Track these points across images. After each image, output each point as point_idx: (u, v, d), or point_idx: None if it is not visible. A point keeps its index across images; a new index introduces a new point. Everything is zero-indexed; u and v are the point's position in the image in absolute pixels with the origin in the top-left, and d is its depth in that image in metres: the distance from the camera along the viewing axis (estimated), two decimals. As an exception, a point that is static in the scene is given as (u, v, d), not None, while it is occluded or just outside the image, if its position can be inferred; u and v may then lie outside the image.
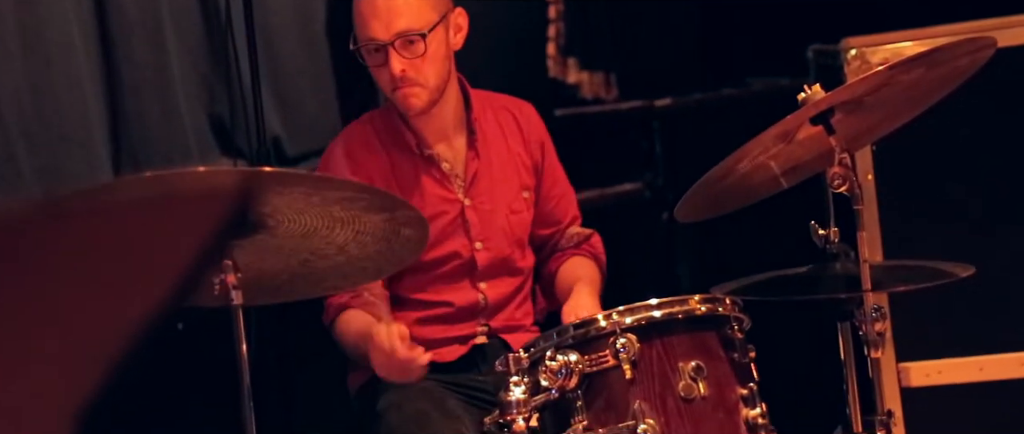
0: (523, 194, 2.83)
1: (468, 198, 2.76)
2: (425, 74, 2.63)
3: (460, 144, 2.78)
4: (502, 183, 2.80)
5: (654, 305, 2.35)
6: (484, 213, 2.77)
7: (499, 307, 2.80)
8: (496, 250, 2.78)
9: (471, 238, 2.75)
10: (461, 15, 2.72)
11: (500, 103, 2.87)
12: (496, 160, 2.80)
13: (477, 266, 2.76)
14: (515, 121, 2.86)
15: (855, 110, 2.35)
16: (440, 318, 2.75)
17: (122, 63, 3.14)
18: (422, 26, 2.61)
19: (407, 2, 2.61)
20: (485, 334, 2.78)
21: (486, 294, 2.77)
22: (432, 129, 2.74)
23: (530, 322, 2.87)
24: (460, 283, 2.76)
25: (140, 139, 3.18)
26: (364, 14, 2.62)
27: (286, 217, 2.21)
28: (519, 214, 2.81)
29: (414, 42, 2.61)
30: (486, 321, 2.79)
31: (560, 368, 2.29)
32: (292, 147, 3.51)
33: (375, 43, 2.62)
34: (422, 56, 2.61)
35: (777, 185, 2.48)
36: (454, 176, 2.76)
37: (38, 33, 2.96)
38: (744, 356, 2.37)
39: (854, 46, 3.06)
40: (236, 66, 3.15)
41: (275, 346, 3.11)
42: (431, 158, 2.74)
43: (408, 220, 2.29)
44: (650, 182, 4.00)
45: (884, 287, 2.37)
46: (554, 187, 2.89)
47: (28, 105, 2.95)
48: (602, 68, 4.26)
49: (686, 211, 2.44)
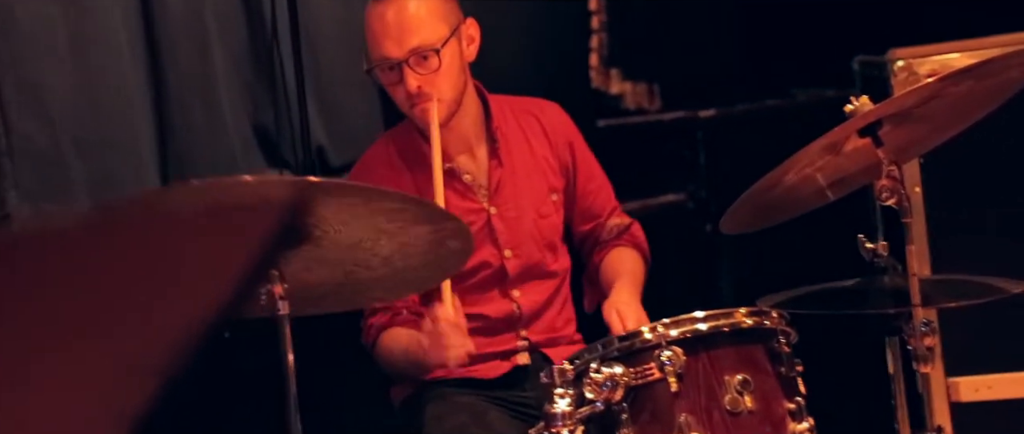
0: (551, 197, 2.82)
1: (493, 207, 2.76)
2: (441, 88, 2.63)
3: (482, 153, 2.78)
4: (527, 188, 2.79)
5: (700, 318, 2.34)
6: (511, 220, 2.76)
7: (536, 315, 2.79)
8: (526, 256, 2.77)
9: (500, 246, 2.75)
10: (472, 25, 2.71)
11: (523, 107, 2.86)
12: (520, 166, 2.79)
13: (508, 274, 2.76)
14: (538, 123, 2.85)
15: (903, 122, 2.32)
16: (477, 331, 2.74)
17: (168, 71, 3.17)
18: (435, 41, 2.61)
19: (418, 18, 2.60)
20: (527, 350, 2.77)
21: (519, 302, 2.77)
22: (452, 142, 2.74)
23: (573, 330, 2.86)
24: (491, 292, 2.75)
25: (186, 147, 3.20)
26: (376, 33, 2.63)
27: (332, 228, 2.21)
28: (548, 218, 2.81)
29: (428, 58, 2.61)
30: (525, 333, 2.78)
31: (605, 380, 2.28)
32: (336, 157, 3.51)
33: (389, 62, 2.62)
34: (437, 71, 2.61)
35: (823, 197, 2.46)
36: (477, 186, 2.76)
37: (87, 41, 2.99)
38: (791, 370, 2.35)
39: (901, 57, 3.03)
40: (281, 75, 3.16)
41: (320, 357, 3.12)
42: (452, 171, 2.74)
43: (453, 232, 2.29)
44: (693, 193, 3.98)
45: (934, 302, 2.35)
46: (590, 182, 2.88)
47: (78, 112, 2.98)
48: (645, 79, 4.25)
49: (731, 223, 2.42)
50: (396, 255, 2.31)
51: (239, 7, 3.29)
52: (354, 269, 2.32)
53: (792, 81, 4.17)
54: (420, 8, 2.61)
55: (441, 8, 2.64)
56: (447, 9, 2.66)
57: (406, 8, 2.60)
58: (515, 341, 2.77)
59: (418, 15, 2.60)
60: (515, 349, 2.77)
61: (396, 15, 2.60)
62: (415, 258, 2.32)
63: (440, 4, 2.64)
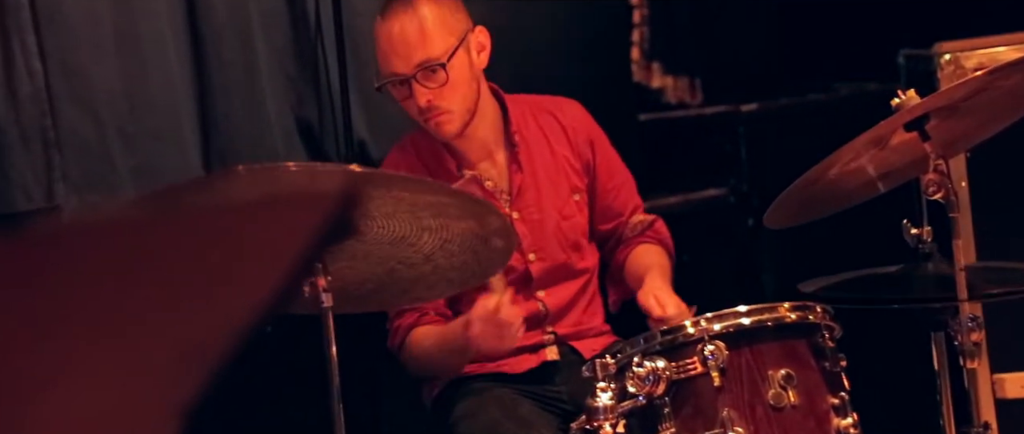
0: (574, 197, 2.81)
1: (515, 211, 2.75)
2: (451, 100, 2.62)
3: (502, 158, 2.77)
4: (549, 191, 2.78)
5: (743, 312, 2.33)
6: (533, 224, 2.76)
7: (561, 313, 2.78)
8: (550, 258, 2.76)
9: (523, 250, 2.74)
10: (482, 33, 2.70)
11: (542, 106, 2.85)
12: (541, 168, 2.78)
13: (532, 277, 2.76)
14: (558, 123, 2.83)
15: (950, 116, 2.30)
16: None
17: (212, 63, 3.18)
18: (441, 55, 2.59)
19: (423, 33, 2.59)
20: (553, 343, 2.77)
21: (545, 302, 2.76)
22: (472, 148, 2.74)
23: (600, 321, 2.85)
24: (517, 296, 2.74)
25: (228, 140, 3.21)
26: (384, 50, 2.63)
27: (376, 223, 2.22)
28: (571, 219, 2.80)
29: (435, 71, 2.60)
30: (552, 329, 2.77)
31: (647, 374, 2.27)
32: (377, 150, 3.52)
33: (397, 77, 2.62)
34: (445, 84, 2.60)
35: (869, 191, 2.44)
36: (499, 192, 2.75)
37: (132, 33, 3.01)
38: (835, 365, 2.34)
39: (948, 51, 3.00)
40: (325, 69, 3.17)
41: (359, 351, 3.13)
42: (474, 178, 2.74)
43: (496, 230, 2.28)
44: (735, 187, 3.96)
45: (979, 293, 2.32)
46: (611, 179, 2.86)
47: (123, 105, 3.00)
48: (686, 73, 4.24)
49: (775, 217, 2.41)
50: (438, 252, 2.31)
51: (283, 3, 3.31)
52: (397, 267, 2.33)
53: (834, 75, 4.14)
54: (424, 23, 2.60)
55: (447, 20, 2.62)
56: (454, 20, 2.64)
57: (411, 24, 2.59)
58: (541, 336, 2.77)
59: (423, 30, 2.59)
60: (542, 343, 2.77)
61: (401, 31, 2.59)
62: (457, 255, 2.32)
63: (446, 16, 2.63)
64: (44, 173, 2.92)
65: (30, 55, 2.88)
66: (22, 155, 2.90)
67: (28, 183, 2.90)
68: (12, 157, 2.88)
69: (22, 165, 2.89)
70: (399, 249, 2.29)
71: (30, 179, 2.90)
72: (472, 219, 2.28)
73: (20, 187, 2.88)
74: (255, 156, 3.23)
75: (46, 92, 2.89)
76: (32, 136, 2.90)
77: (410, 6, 2.61)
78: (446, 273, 2.36)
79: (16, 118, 2.88)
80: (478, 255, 2.33)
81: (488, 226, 2.28)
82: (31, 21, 2.88)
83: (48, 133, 2.90)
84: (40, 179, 2.91)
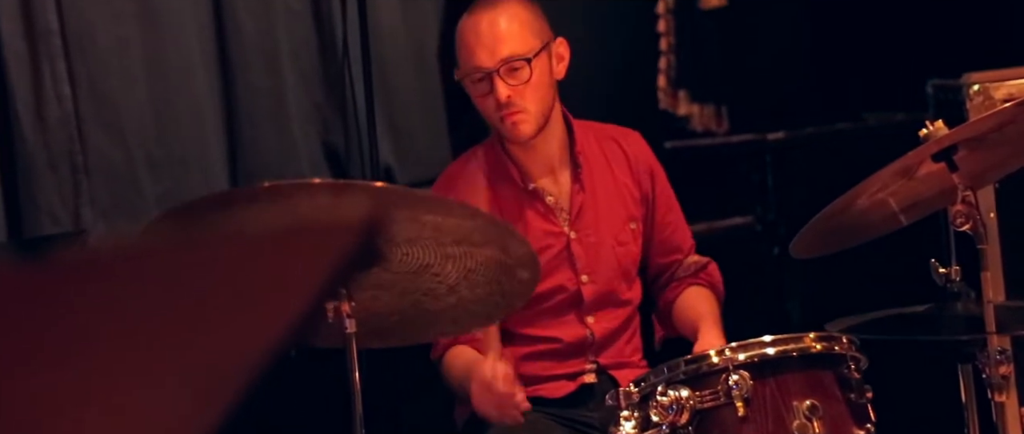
0: (630, 225, 2.81)
1: (573, 231, 2.76)
2: (530, 100, 2.65)
3: (565, 177, 2.78)
4: (608, 215, 2.78)
5: (768, 342, 2.32)
6: (590, 246, 2.76)
7: (607, 342, 2.78)
8: (603, 283, 2.76)
9: (577, 271, 2.74)
10: (562, 45, 2.73)
11: (606, 133, 2.86)
12: (602, 192, 2.79)
13: (583, 299, 2.75)
14: (622, 151, 2.84)
15: (979, 147, 2.29)
16: (548, 354, 2.74)
17: (240, 89, 3.20)
18: (526, 52, 2.63)
19: (510, 29, 2.64)
20: (594, 372, 2.76)
21: (593, 329, 2.76)
22: (537, 162, 2.75)
23: (639, 358, 2.84)
24: (566, 317, 2.74)
25: (255, 165, 3.23)
26: (469, 43, 2.65)
27: (399, 249, 2.21)
28: (625, 246, 2.79)
29: (519, 68, 2.63)
30: (594, 358, 2.77)
31: (671, 404, 2.26)
32: (403, 176, 3.53)
33: (481, 71, 2.64)
34: (527, 82, 2.63)
35: (895, 222, 2.42)
36: (559, 209, 2.76)
37: (161, 59, 3.04)
38: (861, 397, 2.32)
39: (976, 81, 2.99)
40: (352, 95, 3.19)
41: (383, 377, 3.13)
42: (535, 192, 2.74)
43: (520, 259, 2.28)
44: (761, 216, 3.95)
45: (1009, 329, 2.30)
46: (668, 213, 2.86)
47: (151, 130, 3.03)
48: (713, 101, 4.23)
49: (801, 247, 2.40)
50: (462, 283, 2.30)
51: (311, 28, 3.33)
52: (422, 299, 2.32)
53: (862, 104, 4.13)
54: (513, 21, 2.65)
55: (533, 23, 2.68)
56: (539, 25, 2.70)
57: (499, 20, 2.64)
58: (584, 364, 2.76)
59: (511, 27, 2.64)
60: (582, 371, 2.76)
61: (490, 26, 2.64)
62: (482, 287, 2.31)
63: (532, 19, 2.68)
64: (71, 197, 2.94)
65: (60, 80, 2.90)
66: (50, 179, 2.92)
67: (55, 207, 2.92)
68: (40, 181, 2.91)
69: (49, 189, 2.91)
70: (423, 279, 2.29)
71: (57, 203, 2.93)
72: (495, 245, 2.27)
73: (47, 211, 2.91)
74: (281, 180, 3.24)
75: (75, 117, 2.92)
76: (60, 160, 2.92)
77: (499, 4, 2.67)
78: (470, 306, 2.35)
79: (44, 142, 2.91)
80: (503, 287, 2.32)
81: (512, 254, 2.27)
82: (61, 47, 2.91)
83: (76, 158, 2.92)
84: (67, 203, 2.93)
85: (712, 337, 2.62)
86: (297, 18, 3.32)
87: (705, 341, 2.60)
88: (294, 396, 2.87)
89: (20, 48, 2.93)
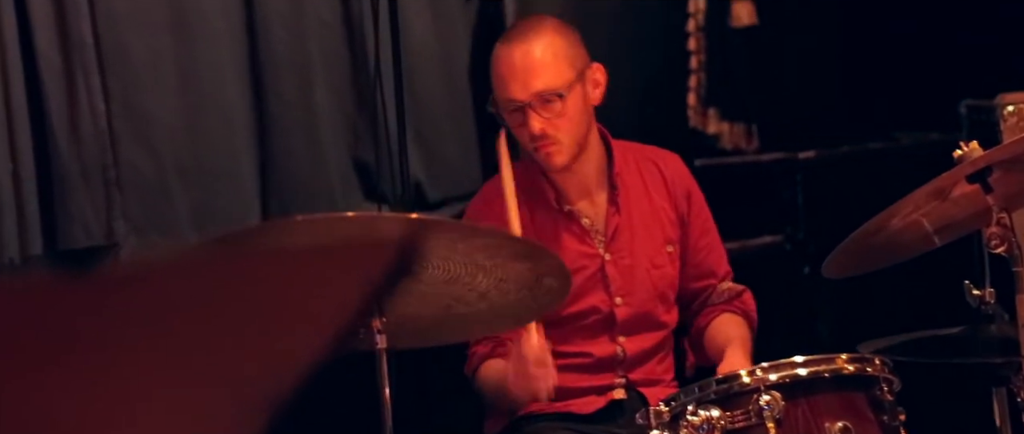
0: (667, 248, 2.79)
1: (608, 253, 2.75)
2: (564, 131, 2.63)
3: (601, 199, 2.77)
4: (644, 238, 2.77)
5: (800, 363, 2.31)
6: (624, 268, 2.75)
7: (638, 360, 2.77)
8: (637, 305, 2.75)
9: (611, 293, 2.74)
10: (599, 70, 2.71)
11: (645, 154, 2.85)
12: (638, 214, 2.78)
13: (616, 321, 2.74)
14: (660, 173, 2.83)
15: (1013, 168, 2.27)
16: (578, 367, 2.73)
17: (272, 102, 3.21)
18: (560, 86, 2.61)
19: (544, 62, 2.62)
20: (623, 388, 2.75)
21: (624, 347, 2.75)
22: (574, 184, 2.74)
23: (670, 378, 2.82)
24: (599, 337, 2.74)
25: (286, 178, 3.24)
26: (503, 75, 2.64)
27: (431, 263, 2.22)
28: (661, 269, 2.78)
29: (552, 101, 2.62)
30: (625, 373, 2.76)
31: (701, 424, 2.25)
32: (433, 192, 3.54)
33: (514, 104, 2.63)
34: (561, 115, 2.62)
35: (929, 243, 2.41)
36: (594, 231, 2.75)
37: (195, 73, 3.05)
38: (894, 419, 2.30)
39: (1010, 102, 2.98)
40: (383, 110, 3.19)
41: (414, 389, 3.12)
42: (571, 213, 2.74)
43: (551, 269, 2.28)
44: (791, 235, 3.93)
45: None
46: (703, 237, 2.84)
47: (183, 142, 3.04)
48: (743, 119, 4.21)
49: (834, 267, 2.39)
50: (493, 291, 2.31)
51: (343, 43, 3.34)
52: (453, 304, 2.33)
53: (895, 124, 4.11)
54: (546, 52, 2.62)
55: (568, 52, 2.65)
56: (574, 54, 2.67)
57: (532, 51, 2.62)
58: (613, 379, 2.76)
59: (544, 59, 2.62)
60: (612, 385, 2.75)
61: (523, 58, 2.62)
62: (512, 294, 2.32)
63: (567, 48, 2.66)
64: (104, 210, 2.95)
65: (94, 94, 2.92)
66: (83, 192, 2.93)
67: (88, 220, 2.94)
68: (73, 194, 2.92)
69: (83, 202, 2.93)
70: (454, 288, 2.29)
71: (90, 216, 2.94)
72: (527, 261, 2.27)
73: (80, 223, 2.92)
74: (312, 195, 3.25)
75: (108, 131, 2.93)
76: (93, 174, 2.94)
77: (534, 34, 2.65)
78: (501, 310, 2.36)
79: (78, 155, 2.92)
80: (533, 293, 2.33)
81: (543, 266, 2.27)
82: (96, 61, 2.93)
83: (109, 171, 2.94)
84: (100, 216, 2.95)
85: (738, 359, 2.60)
86: (329, 31, 3.33)
87: (730, 363, 2.58)
88: (323, 400, 2.87)
89: (55, 60, 2.95)
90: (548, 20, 2.71)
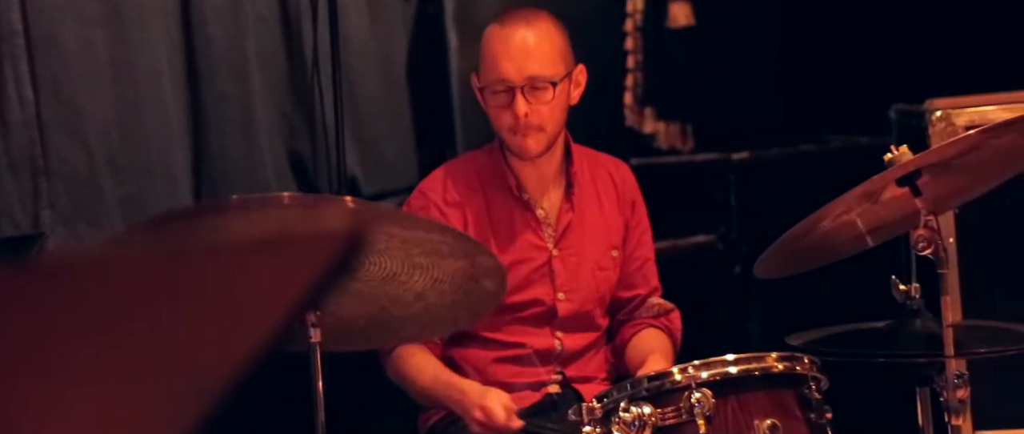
0: (611, 252, 2.82)
1: (557, 249, 2.77)
2: (547, 120, 2.66)
3: (557, 195, 2.80)
4: (593, 239, 2.80)
5: (730, 361, 2.33)
6: (571, 265, 2.77)
7: (574, 356, 2.79)
8: (579, 303, 2.77)
9: (555, 288, 2.76)
10: (582, 72, 2.76)
11: (598, 160, 2.89)
12: (589, 215, 2.81)
13: (557, 315, 2.76)
14: (611, 180, 2.87)
15: (942, 173, 2.32)
16: (515, 359, 2.74)
17: (207, 97, 3.18)
18: (553, 75, 2.65)
19: (540, 50, 2.65)
20: (558, 383, 2.77)
21: (563, 342, 2.77)
22: (534, 177, 2.77)
23: (603, 376, 2.85)
24: (539, 329, 2.76)
25: (221, 173, 3.21)
26: (496, 54, 2.66)
27: (368, 259, 2.22)
28: (605, 271, 2.81)
29: (543, 89, 2.65)
30: (561, 369, 2.78)
31: (633, 420, 2.27)
32: (368, 186, 3.53)
33: (504, 84, 2.65)
34: (547, 104, 2.64)
35: (862, 244, 2.45)
36: (547, 225, 2.77)
37: (128, 65, 3.01)
38: (821, 417, 2.34)
39: (939, 107, 3.03)
40: (320, 105, 3.18)
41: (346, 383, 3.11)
42: (528, 203, 2.76)
43: (488, 270, 2.29)
44: (724, 235, 3.97)
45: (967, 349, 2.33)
46: (639, 249, 2.88)
47: (115, 136, 3.00)
48: (679, 119, 4.25)
49: (765, 267, 2.42)
50: (429, 291, 2.31)
51: (280, 37, 3.32)
52: (388, 305, 2.33)
53: (826, 127, 4.16)
54: (544, 41, 2.66)
55: (562, 46, 2.70)
56: (566, 50, 2.71)
57: (532, 36, 2.66)
58: (550, 374, 2.77)
59: (541, 47, 2.65)
60: (548, 381, 2.77)
61: (522, 41, 2.65)
62: (448, 295, 2.32)
63: (562, 43, 2.70)
64: (31, 200, 2.90)
65: (23, 83, 2.87)
66: (10, 181, 2.88)
67: (14, 209, 2.89)
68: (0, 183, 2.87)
69: (9, 191, 2.88)
70: (390, 287, 2.29)
71: (17, 205, 2.89)
72: (464, 258, 2.28)
73: (6, 213, 2.87)
74: (247, 189, 3.23)
75: (37, 120, 2.88)
76: (21, 163, 2.89)
77: (534, 21, 2.68)
78: (436, 311, 2.36)
79: (5, 145, 2.87)
80: (469, 295, 2.33)
81: (479, 267, 2.28)
82: (25, 49, 2.88)
83: (37, 161, 2.89)
84: (27, 206, 2.90)
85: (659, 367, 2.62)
86: (266, 26, 3.31)
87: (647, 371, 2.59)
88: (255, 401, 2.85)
89: (-18, 49, 2.89)
90: (545, 13, 2.73)
